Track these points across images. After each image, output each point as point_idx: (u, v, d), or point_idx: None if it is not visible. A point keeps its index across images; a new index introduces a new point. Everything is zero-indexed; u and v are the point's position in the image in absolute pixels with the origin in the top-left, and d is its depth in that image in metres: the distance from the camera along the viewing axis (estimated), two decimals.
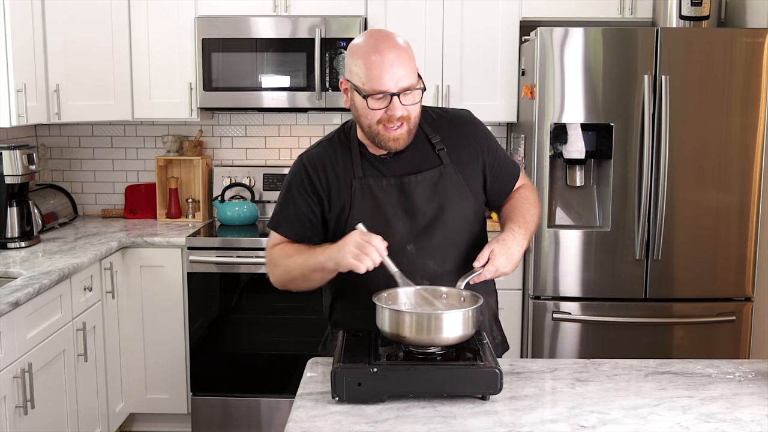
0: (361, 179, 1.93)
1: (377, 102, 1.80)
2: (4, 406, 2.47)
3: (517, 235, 1.89)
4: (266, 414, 3.65)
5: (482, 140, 2.01)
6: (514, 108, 3.76)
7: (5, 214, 3.32)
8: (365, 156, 1.94)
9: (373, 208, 1.91)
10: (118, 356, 3.56)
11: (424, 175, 1.93)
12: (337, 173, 1.94)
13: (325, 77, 3.70)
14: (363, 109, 1.83)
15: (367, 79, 1.80)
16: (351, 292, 1.96)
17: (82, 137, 4.21)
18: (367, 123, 1.85)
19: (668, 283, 3.32)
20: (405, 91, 1.80)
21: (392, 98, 1.79)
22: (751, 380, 1.78)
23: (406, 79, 1.80)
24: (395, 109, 1.80)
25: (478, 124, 2.04)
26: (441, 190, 1.93)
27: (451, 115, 2.04)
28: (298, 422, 1.54)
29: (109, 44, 3.71)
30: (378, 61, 1.79)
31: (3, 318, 2.45)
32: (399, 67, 1.79)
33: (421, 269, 1.91)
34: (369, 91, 1.80)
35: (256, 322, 3.63)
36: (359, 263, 1.73)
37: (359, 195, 1.92)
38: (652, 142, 3.23)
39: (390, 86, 1.79)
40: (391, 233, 1.88)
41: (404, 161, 1.93)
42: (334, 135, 2.01)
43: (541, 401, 1.66)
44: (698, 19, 3.47)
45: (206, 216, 4.12)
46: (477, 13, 3.72)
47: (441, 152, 1.95)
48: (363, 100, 1.81)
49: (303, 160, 1.98)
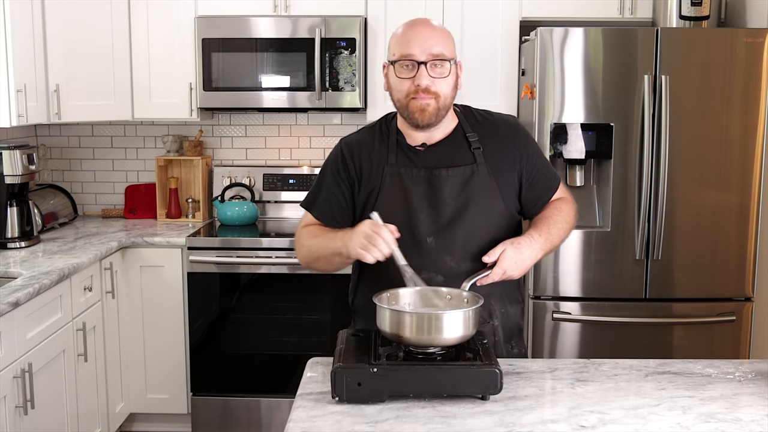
0: (393, 166, 1.95)
1: (405, 71, 1.87)
2: (4, 406, 2.47)
3: (534, 242, 1.88)
4: (266, 414, 3.65)
5: (522, 147, 2.00)
6: (514, 108, 3.76)
7: (5, 214, 3.32)
8: (401, 145, 1.97)
9: (400, 197, 1.93)
10: (118, 356, 3.56)
11: (454, 171, 1.94)
12: (371, 159, 1.97)
13: (325, 77, 3.70)
14: (394, 81, 1.89)
15: (397, 47, 1.87)
16: (372, 276, 1.97)
17: (82, 137, 4.21)
18: (398, 97, 1.90)
19: (668, 283, 3.32)
20: (433, 61, 1.85)
21: (419, 66, 1.84)
22: (751, 380, 1.78)
23: (435, 48, 1.85)
24: (422, 77, 1.85)
25: (521, 130, 2.04)
26: (470, 188, 1.93)
27: (495, 118, 2.05)
28: (298, 422, 1.54)
29: (109, 44, 3.71)
30: (408, 30, 1.89)
31: (3, 318, 2.45)
32: (429, 38, 1.86)
33: (437, 263, 1.91)
34: (398, 57, 1.87)
35: (256, 322, 3.63)
36: (366, 253, 1.75)
37: (389, 181, 1.95)
38: (652, 142, 3.23)
39: (416, 53, 1.85)
40: (414, 224, 1.91)
41: (437, 154, 1.95)
42: (376, 123, 2.06)
43: (541, 401, 1.66)
44: (698, 19, 3.47)
45: (206, 216, 4.12)
46: (477, 13, 3.72)
47: (476, 151, 1.96)
48: (393, 70, 1.88)
49: (341, 145, 2.04)
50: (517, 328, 2.07)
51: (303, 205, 2.07)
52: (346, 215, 2.00)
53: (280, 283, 3.56)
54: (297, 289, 3.54)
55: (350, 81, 3.70)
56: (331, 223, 2.01)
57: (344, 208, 2.00)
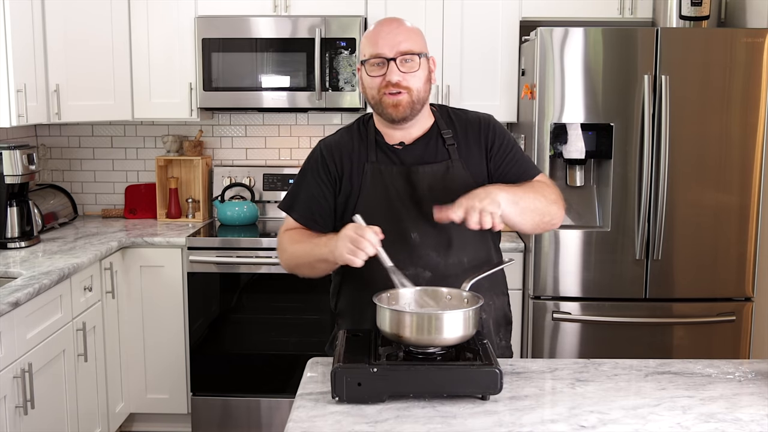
0: (373, 164, 1.97)
1: (375, 69, 1.90)
2: (4, 406, 2.47)
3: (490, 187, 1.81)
4: (266, 414, 3.65)
5: (492, 138, 2.01)
6: (514, 108, 3.76)
7: (5, 214, 3.32)
8: (380, 144, 1.99)
9: (383, 194, 1.95)
10: (118, 356, 3.56)
11: (431, 167, 1.96)
12: (352, 158, 1.99)
13: (325, 77, 3.70)
14: (365, 78, 1.92)
15: (367, 47, 1.91)
16: (356, 278, 1.97)
17: (82, 137, 4.21)
18: (371, 94, 1.92)
19: (668, 283, 3.32)
20: (402, 57, 1.88)
21: (389, 63, 1.87)
22: (751, 380, 1.78)
23: (404, 45, 1.88)
24: (392, 73, 1.88)
25: (492, 124, 2.04)
26: (447, 183, 1.94)
27: (469, 116, 2.06)
28: (298, 422, 1.54)
29: (109, 44, 3.71)
30: (377, 30, 1.92)
31: (3, 318, 2.45)
32: (397, 34, 1.89)
33: (423, 259, 1.93)
34: (368, 56, 1.90)
35: (256, 322, 3.63)
36: (354, 258, 1.75)
37: (370, 179, 1.96)
38: (652, 142, 3.23)
39: (385, 51, 1.88)
40: (397, 220, 1.93)
41: (415, 152, 1.98)
42: (353, 124, 2.07)
43: (541, 401, 1.66)
44: (698, 19, 3.47)
45: (206, 216, 4.12)
46: (477, 13, 3.72)
47: (450, 147, 1.98)
48: (365, 70, 1.91)
49: (320, 146, 2.04)
50: (504, 320, 2.10)
51: (282, 207, 2.05)
52: (328, 217, 2.00)
53: (280, 283, 3.56)
54: (297, 289, 3.53)
55: (350, 81, 3.70)
56: (312, 225, 2.00)
57: (325, 210, 2.00)
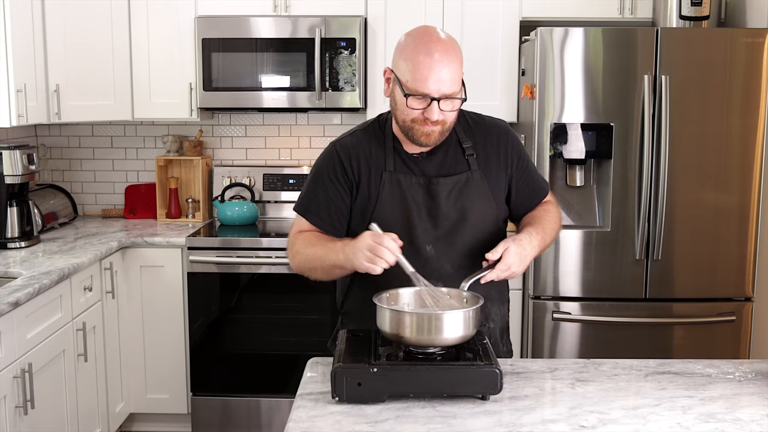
0: (391, 173, 1.93)
1: (417, 102, 1.81)
2: (4, 406, 2.47)
3: (533, 238, 1.88)
4: (266, 414, 3.65)
5: (513, 152, 2.01)
6: (514, 108, 3.76)
7: (5, 214, 3.32)
8: (398, 152, 1.95)
9: (399, 205, 1.92)
10: (118, 356, 3.56)
11: (451, 179, 1.93)
12: (369, 165, 1.95)
13: (325, 77, 3.70)
14: (402, 105, 1.84)
15: (412, 79, 1.80)
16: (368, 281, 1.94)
17: (82, 137, 4.21)
18: (402, 118, 1.86)
19: (668, 283, 3.32)
20: (446, 99, 1.81)
21: (432, 102, 1.80)
22: (751, 380, 1.78)
23: (449, 87, 1.80)
24: (432, 112, 1.81)
25: (511, 136, 2.04)
26: (466, 195, 1.93)
27: (487, 123, 2.04)
28: (298, 422, 1.54)
29: (109, 44, 3.71)
30: (426, 64, 1.79)
31: (3, 318, 2.45)
32: (445, 73, 1.80)
33: (438, 271, 1.91)
34: (411, 91, 1.81)
35: (256, 322, 3.63)
36: (374, 266, 1.73)
37: (388, 189, 1.93)
38: (652, 142, 3.23)
39: (432, 90, 1.79)
40: (413, 232, 1.90)
41: (435, 162, 1.95)
42: (368, 126, 2.02)
43: (541, 401, 1.66)
44: (698, 19, 3.47)
45: (206, 216, 4.12)
46: (477, 13, 3.72)
47: (470, 158, 1.96)
48: (403, 97, 1.82)
49: (336, 147, 1.98)
50: (506, 327, 2.11)
51: (297, 210, 2.01)
52: (345, 221, 1.97)
53: (280, 283, 3.56)
54: (297, 289, 3.54)
55: (350, 81, 3.70)
56: (328, 229, 1.97)
57: (343, 214, 1.96)
